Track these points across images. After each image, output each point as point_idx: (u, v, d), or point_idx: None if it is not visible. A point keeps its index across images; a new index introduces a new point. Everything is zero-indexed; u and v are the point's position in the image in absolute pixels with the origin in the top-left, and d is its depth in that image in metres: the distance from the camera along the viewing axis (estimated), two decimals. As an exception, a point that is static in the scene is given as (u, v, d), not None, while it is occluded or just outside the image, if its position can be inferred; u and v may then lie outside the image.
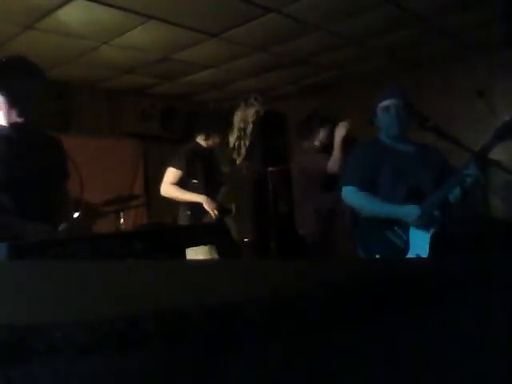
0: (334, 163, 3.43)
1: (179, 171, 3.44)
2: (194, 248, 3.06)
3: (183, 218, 3.51)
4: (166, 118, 6.28)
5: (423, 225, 2.37)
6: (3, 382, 0.32)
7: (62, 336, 0.34)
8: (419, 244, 2.40)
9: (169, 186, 3.45)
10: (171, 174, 3.46)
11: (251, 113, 5.79)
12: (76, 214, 2.99)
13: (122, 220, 4.50)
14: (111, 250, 1.66)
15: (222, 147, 3.89)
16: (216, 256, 3.23)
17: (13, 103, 2.01)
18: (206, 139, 3.63)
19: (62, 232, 1.96)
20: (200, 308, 0.39)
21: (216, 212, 3.38)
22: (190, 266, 0.96)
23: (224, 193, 3.55)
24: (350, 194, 2.57)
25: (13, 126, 2.03)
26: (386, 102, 2.57)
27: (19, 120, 2.03)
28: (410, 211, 2.40)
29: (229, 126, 4.13)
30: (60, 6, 3.48)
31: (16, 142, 2.03)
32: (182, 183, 3.46)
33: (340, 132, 3.44)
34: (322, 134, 3.69)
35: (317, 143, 3.72)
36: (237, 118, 5.86)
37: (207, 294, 0.49)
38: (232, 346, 0.39)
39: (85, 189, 2.21)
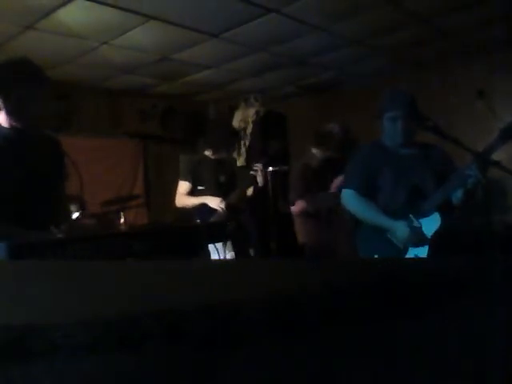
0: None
1: (187, 183, 3.65)
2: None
3: None
4: (166, 117, 6.29)
5: (411, 244, 2.38)
6: (3, 381, 0.32)
7: (62, 336, 0.34)
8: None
9: (181, 197, 3.67)
10: (181, 186, 3.68)
11: (251, 113, 5.79)
12: (76, 215, 2.99)
13: (122, 220, 4.50)
14: (111, 250, 1.66)
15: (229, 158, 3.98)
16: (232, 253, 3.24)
17: (15, 105, 2.00)
18: (214, 154, 3.72)
19: (62, 232, 1.96)
20: (200, 308, 0.39)
21: (224, 208, 3.49)
22: (189, 266, 0.96)
23: (235, 194, 3.66)
24: (348, 198, 2.57)
25: (14, 127, 2.03)
26: (392, 113, 2.45)
27: (21, 122, 2.03)
28: (400, 228, 2.39)
29: (237, 140, 4.21)
30: (60, 6, 3.48)
31: (16, 143, 2.03)
32: (191, 192, 3.66)
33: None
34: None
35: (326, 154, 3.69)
36: (237, 118, 5.86)
37: (207, 293, 0.49)
38: (232, 345, 0.39)
39: (85, 189, 2.20)
